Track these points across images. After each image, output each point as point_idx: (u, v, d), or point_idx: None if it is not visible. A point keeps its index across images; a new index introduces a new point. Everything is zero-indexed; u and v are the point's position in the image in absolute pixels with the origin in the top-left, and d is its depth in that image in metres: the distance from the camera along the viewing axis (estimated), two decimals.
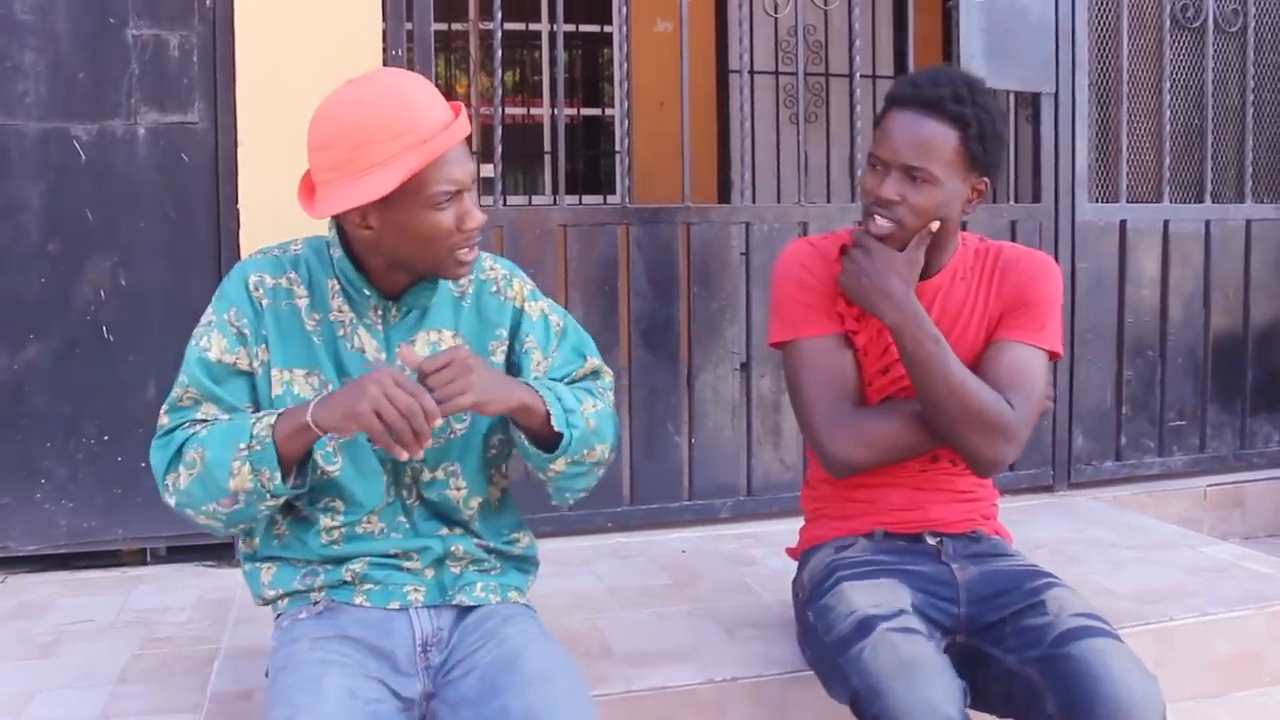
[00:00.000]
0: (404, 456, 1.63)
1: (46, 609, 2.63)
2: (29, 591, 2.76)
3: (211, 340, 1.78)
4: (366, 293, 1.79)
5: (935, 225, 1.98)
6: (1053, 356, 2.08)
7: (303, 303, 1.80)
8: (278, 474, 1.67)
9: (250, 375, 1.79)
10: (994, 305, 2.08)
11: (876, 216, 1.98)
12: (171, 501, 1.76)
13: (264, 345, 1.79)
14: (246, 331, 1.78)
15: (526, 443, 1.78)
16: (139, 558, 2.98)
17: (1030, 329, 2.05)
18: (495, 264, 1.93)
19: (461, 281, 1.87)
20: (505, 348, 1.89)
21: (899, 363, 2.03)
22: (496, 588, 1.90)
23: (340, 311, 1.81)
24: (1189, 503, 3.77)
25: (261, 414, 1.72)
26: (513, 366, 1.90)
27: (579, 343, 1.95)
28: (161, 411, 1.80)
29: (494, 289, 1.90)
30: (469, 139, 1.79)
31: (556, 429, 1.74)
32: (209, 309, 1.82)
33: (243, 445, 1.67)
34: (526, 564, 2.00)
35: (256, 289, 1.80)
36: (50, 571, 2.90)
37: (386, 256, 1.75)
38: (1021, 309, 2.06)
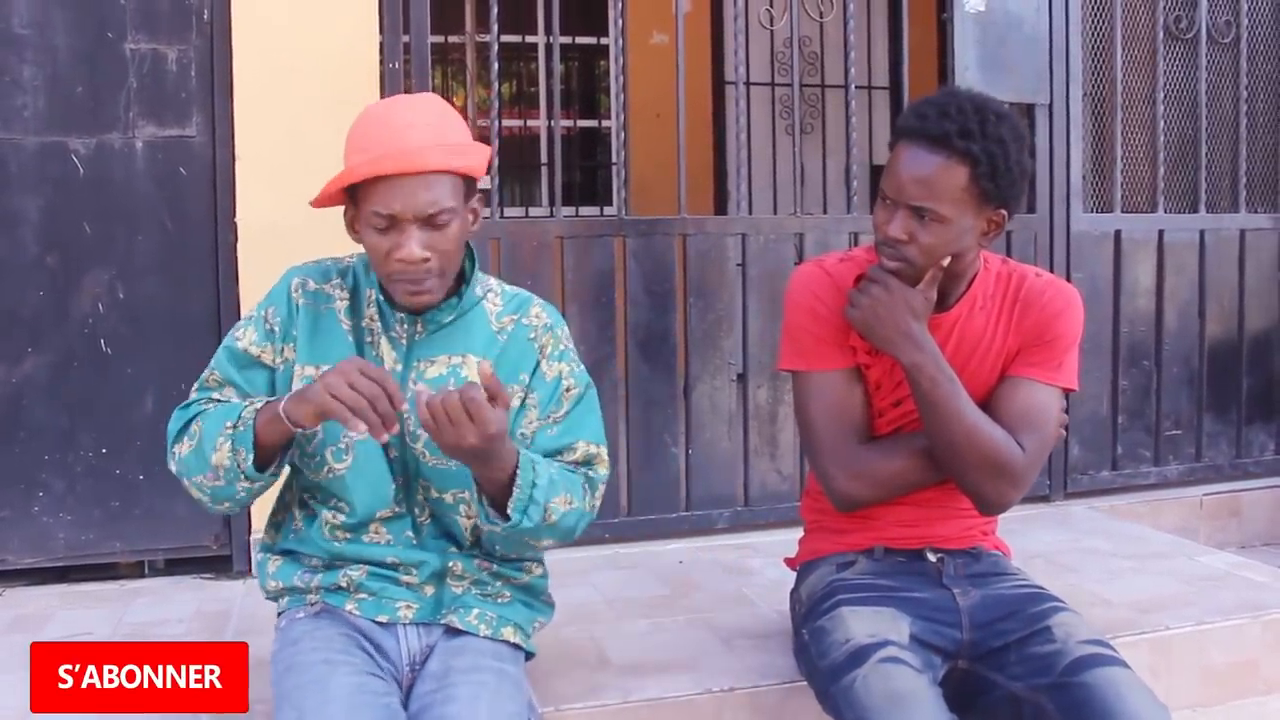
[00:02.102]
0: (368, 435, 1.64)
1: (45, 622, 2.63)
2: (27, 604, 2.76)
3: (245, 332, 1.88)
4: (393, 307, 1.85)
5: (946, 261, 1.92)
6: (1067, 391, 2.06)
7: (341, 305, 1.87)
8: (251, 455, 1.72)
9: (271, 370, 1.86)
10: (1012, 339, 2.03)
11: (886, 255, 1.94)
12: (174, 468, 1.84)
13: (291, 344, 1.85)
14: (277, 329, 1.86)
15: (481, 498, 1.77)
16: (137, 570, 2.97)
17: (1047, 367, 2.01)
18: (542, 312, 1.94)
19: (504, 319, 1.90)
20: (522, 396, 1.89)
21: (912, 396, 2.00)
22: (493, 619, 1.88)
23: (371, 320, 1.87)
24: (1185, 512, 3.77)
25: (258, 401, 1.78)
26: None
27: (585, 424, 1.92)
28: (193, 388, 1.89)
29: (530, 335, 1.91)
30: (467, 174, 1.77)
31: (509, 512, 1.73)
32: (255, 305, 1.91)
33: (230, 424, 1.74)
34: (535, 597, 1.99)
35: (296, 290, 1.87)
36: (48, 584, 2.89)
37: None
38: (1041, 346, 2.01)
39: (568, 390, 1.91)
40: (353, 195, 1.77)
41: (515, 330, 1.90)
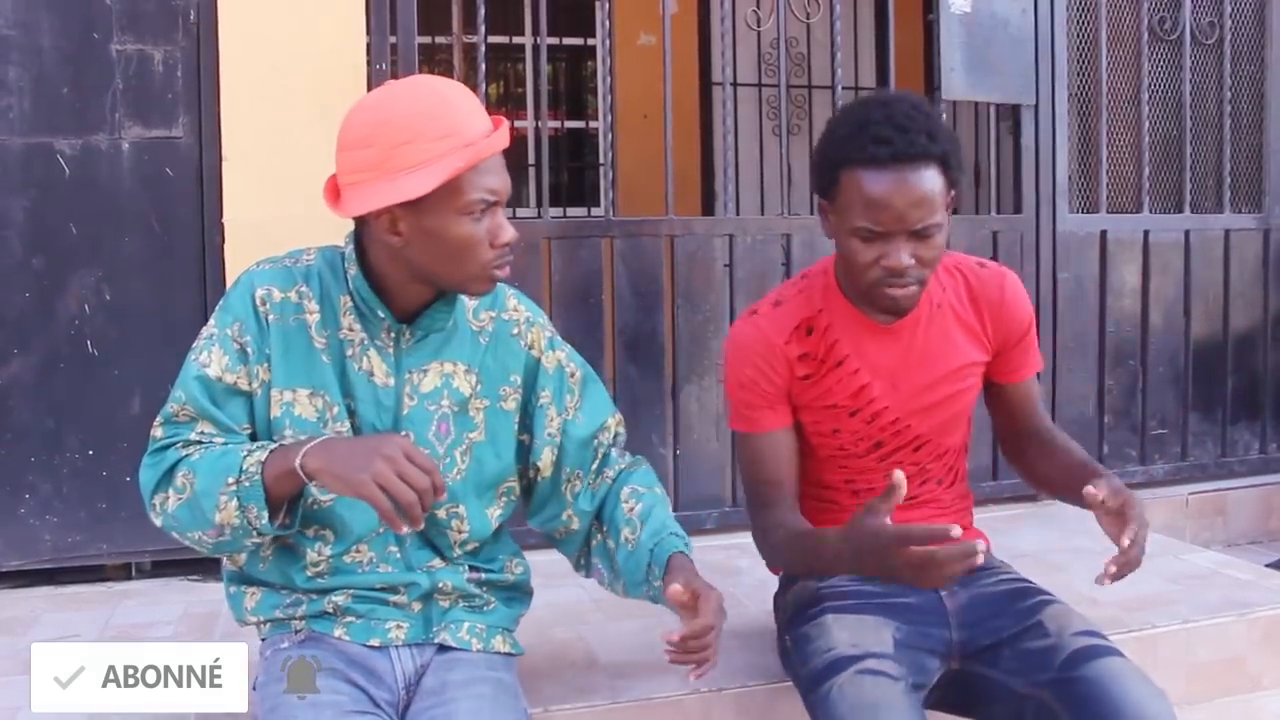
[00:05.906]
0: (402, 531, 1.57)
1: (31, 625, 2.62)
2: (13, 607, 2.75)
3: (212, 356, 1.69)
4: (380, 314, 1.73)
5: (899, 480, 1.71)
6: None
7: (313, 318, 1.72)
8: (265, 513, 1.60)
9: (250, 396, 1.71)
10: (990, 341, 2.06)
11: (892, 286, 1.87)
12: (158, 522, 1.70)
13: (265, 364, 1.70)
14: (250, 349, 1.70)
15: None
16: (124, 572, 2.97)
17: (1033, 363, 2.12)
18: (519, 305, 1.88)
19: (482, 316, 1.83)
20: (519, 396, 1.85)
21: (879, 412, 2.03)
22: (483, 630, 1.85)
23: (351, 330, 1.74)
24: (1171, 511, 3.78)
25: (255, 447, 1.63)
26: (527, 418, 1.87)
27: (601, 400, 1.96)
28: (155, 423, 1.72)
29: (514, 331, 1.85)
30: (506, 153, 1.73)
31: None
32: (211, 320, 1.74)
33: (231, 480, 1.59)
34: (518, 594, 1.96)
35: (263, 303, 1.71)
36: (34, 587, 2.89)
37: (411, 267, 1.68)
38: (1018, 347, 2.08)
39: (573, 375, 1.90)
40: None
41: (496, 328, 1.83)
